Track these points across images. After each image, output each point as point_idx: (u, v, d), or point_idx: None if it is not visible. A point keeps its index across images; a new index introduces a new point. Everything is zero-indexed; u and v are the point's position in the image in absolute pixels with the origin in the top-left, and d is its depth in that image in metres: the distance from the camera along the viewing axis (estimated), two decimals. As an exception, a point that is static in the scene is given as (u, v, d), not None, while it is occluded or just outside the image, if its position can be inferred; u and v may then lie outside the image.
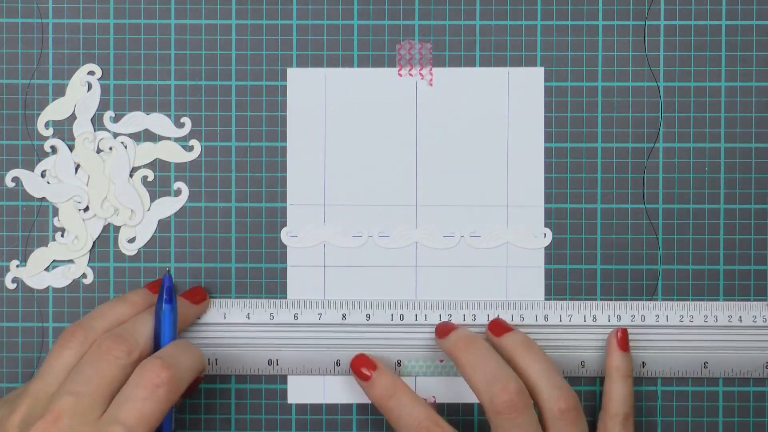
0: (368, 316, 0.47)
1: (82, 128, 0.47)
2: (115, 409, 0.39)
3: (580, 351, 0.46)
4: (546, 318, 0.46)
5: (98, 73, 0.47)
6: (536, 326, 0.46)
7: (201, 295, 0.46)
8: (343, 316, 0.46)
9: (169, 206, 0.47)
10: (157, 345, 0.42)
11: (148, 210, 0.47)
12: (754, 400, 0.47)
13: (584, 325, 0.46)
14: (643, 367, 0.46)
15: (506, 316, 0.46)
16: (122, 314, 0.43)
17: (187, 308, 0.45)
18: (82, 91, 0.47)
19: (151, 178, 0.47)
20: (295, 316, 0.47)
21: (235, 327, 0.47)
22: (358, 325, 0.47)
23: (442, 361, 0.47)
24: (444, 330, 0.45)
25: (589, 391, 0.47)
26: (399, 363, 0.47)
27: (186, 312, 0.45)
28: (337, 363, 0.47)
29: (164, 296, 0.43)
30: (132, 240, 0.47)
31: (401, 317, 0.46)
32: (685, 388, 0.47)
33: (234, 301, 0.47)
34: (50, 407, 0.39)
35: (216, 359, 0.47)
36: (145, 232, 0.47)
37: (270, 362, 0.47)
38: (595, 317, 0.46)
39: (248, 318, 0.47)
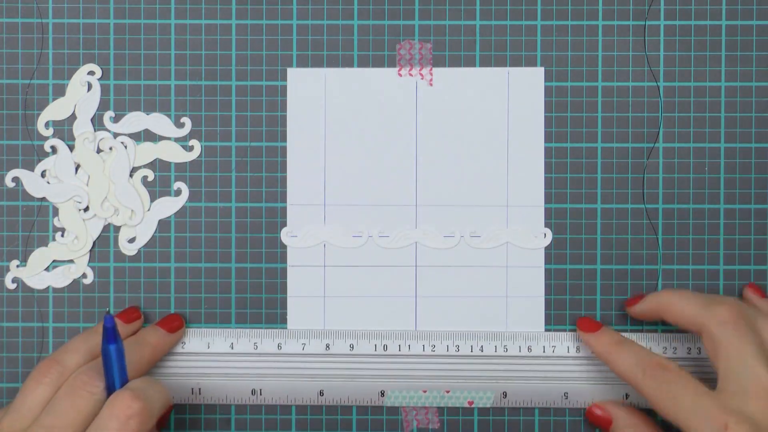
0: (352, 347, 0.46)
1: (82, 128, 0.47)
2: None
3: (564, 382, 0.47)
4: (529, 349, 0.46)
5: (98, 73, 0.47)
6: (523, 357, 0.46)
7: (177, 323, 0.46)
8: (327, 347, 0.46)
9: (169, 206, 0.47)
10: (109, 385, 0.41)
11: (148, 210, 0.47)
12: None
13: (567, 356, 0.47)
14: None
15: (490, 347, 0.46)
16: (96, 347, 0.43)
17: (163, 337, 0.46)
18: (82, 91, 0.47)
19: (151, 178, 0.47)
20: (279, 346, 0.47)
21: (219, 356, 0.47)
22: (342, 356, 0.47)
23: (425, 391, 0.47)
24: (591, 326, 0.46)
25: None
26: (382, 393, 0.47)
27: (161, 341, 0.45)
28: (321, 393, 0.46)
29: (106, 337, 0.41)
30: (132, 240, 0.47)
31: (385, 347, 0.46)
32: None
33: (218, 331, 0.47)
34: None
35: (200, 389, 0.47)
36: (145, 232, 0.47)
37: (253, 392, 0.47)
38: (578, 348, 0.46)
39: (232, 348, 0.46)
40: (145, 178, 0.47)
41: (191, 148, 0.47)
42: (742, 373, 0.40)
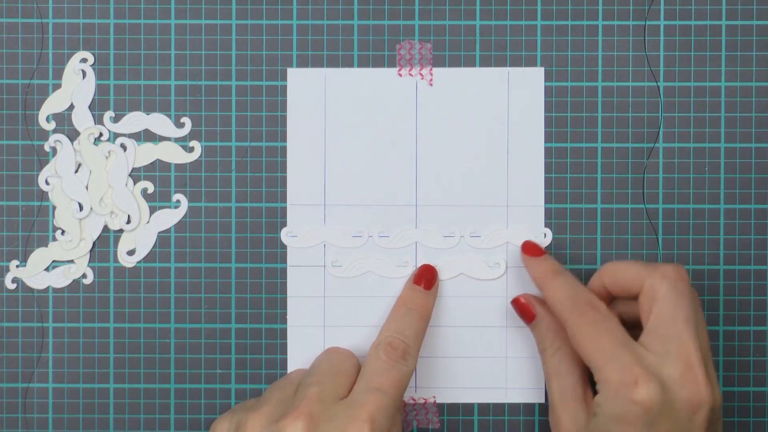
0: None
1: (83, 124, 0.47)
2: (363, 381, 0.42)
3: None
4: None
5: (91, 60, 0.47)
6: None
7: (431, 275, 0.47)
8: None
9: (169, 217, 0.47)
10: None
11: (147, 222, 0.47)
12: (753, 400, 0.47)
13: None
14: None
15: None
16: (288, 398, 0.43)
17: (426, 297, 0.46)
18: (77, 80, 0.47)
19: (151, 189, 0.47)
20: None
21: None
22: None
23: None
24: (534, 251, 0.46)
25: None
26: None
27: (426, 302, 0.46)
28: None
29: None
30: (131, 248, 0.47)
31: None
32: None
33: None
34: (298, 397, 0.42)
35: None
36: (144, 234, 0.47)
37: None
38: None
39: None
40: (144, 189, 0.47)
41: (191, 149, 0.47)
42: (669, 334, 0.40)
